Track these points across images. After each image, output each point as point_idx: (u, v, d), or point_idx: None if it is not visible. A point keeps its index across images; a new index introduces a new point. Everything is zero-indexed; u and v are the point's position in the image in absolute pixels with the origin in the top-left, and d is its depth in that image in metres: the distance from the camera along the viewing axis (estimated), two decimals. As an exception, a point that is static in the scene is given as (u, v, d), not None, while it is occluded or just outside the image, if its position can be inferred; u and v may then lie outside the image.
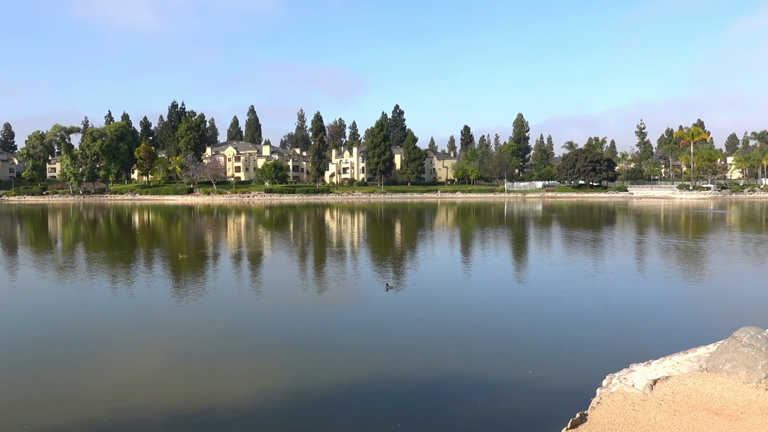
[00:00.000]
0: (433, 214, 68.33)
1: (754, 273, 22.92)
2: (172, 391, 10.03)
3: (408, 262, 26.77)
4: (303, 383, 10.40)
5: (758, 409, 6.21)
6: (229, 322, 15.05)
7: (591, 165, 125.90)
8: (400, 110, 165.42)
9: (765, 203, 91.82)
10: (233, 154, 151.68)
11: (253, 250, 32.16)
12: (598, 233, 41.28)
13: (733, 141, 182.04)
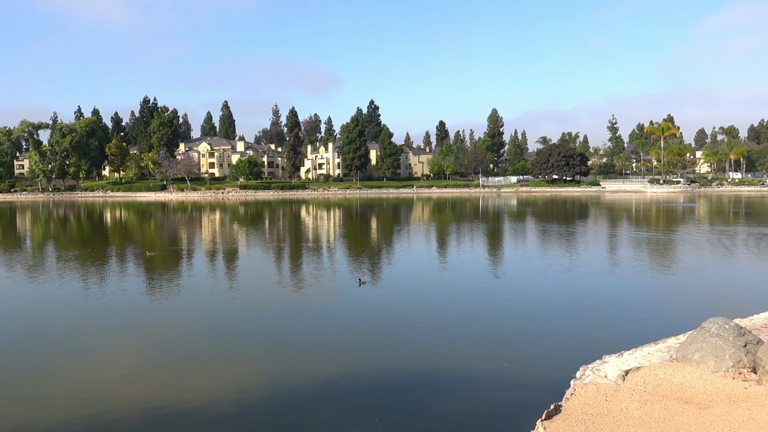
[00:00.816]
0: (409, 210, 68.48)
1: (722, 265, 23.46)
2: (147, 391, 9.92)
3: (383, 258, 26.81)
4: (280, 380, 10.37)
5: (726, 397, 6.37)
6: (204, 320, 14.91)
7: (564, 160, 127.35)
8: (375, 105, 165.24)
9: (732, 196, 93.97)
10: (207, 150, 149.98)
11: (228, 247, 31.89)
12: (571, 227, 41.82)
13: (701, 136, 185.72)
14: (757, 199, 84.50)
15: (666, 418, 5.86)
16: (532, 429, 5.89)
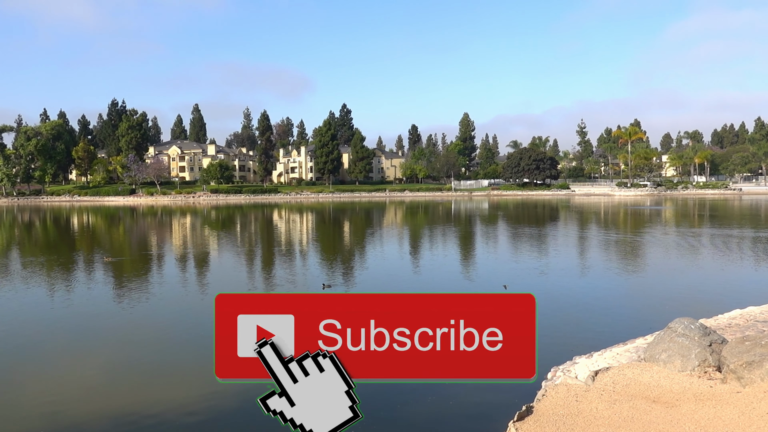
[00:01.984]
0: (382, 213, 68.55)
1: (688, 266, 24.00)
2: (115, 400, 9.72)
3: (352, 262, 26.77)
4: (254, 385, 10.25)
5: (692, 396, 6.51)
6: (173, 325, 14.69)
7: (535, 164, 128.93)
8: (347, 109, 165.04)
9: (697, 199, 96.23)
10: (177, 154, 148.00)
11: (197, 252, 31.49)
12: (542, 230, 42.34)
13: (667, 140, 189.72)
14: (721, 201, 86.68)
15: (634, 417, 5.96)
16: (504, 430, 5.94)
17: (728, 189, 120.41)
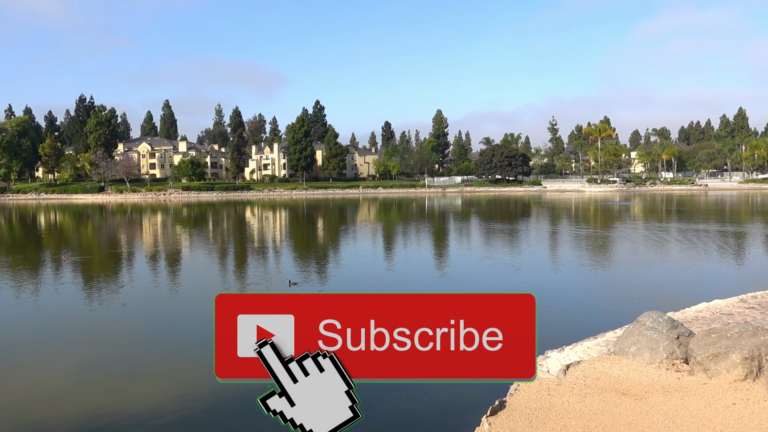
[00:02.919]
0: (356, 210, 68.47)
1: (656, 260, 24.48)
2: (85, 400, 9.53)
3: (323, 258, 26.70)
4: (228, 385, 10.15)
5: (660, 388, 6.64)
6: (144, 324, 14.46)
7: (507, 160, 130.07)
8: (320, 106, 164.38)
9: (665, 195, 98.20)
10: (147, 151, 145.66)
11: (169, 250, 31.06)
12: (515, 225, 42.76)
13: (636, 137, 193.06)
14: (688, 197, 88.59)
15: (604, 409, 6.06)
16: (478, 425, 5.98)
17: (694, 185, 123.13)
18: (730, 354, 6.80)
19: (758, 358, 6.74)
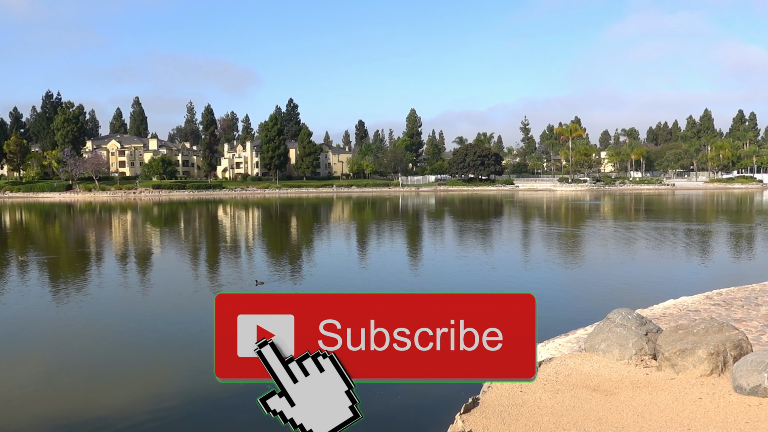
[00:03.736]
0: (329, 209, 68.29)
1: (626, 258, 24.93)
2: (54, 403, 9.34)
3: (294, 258, 26.59)
4: (198, 385, 10.06)
5: (629, 384, 6.77)
6: (113, 326, 14.21)
7: (480, 159, 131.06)
8: (294, 104, 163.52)
9: (634, 194, 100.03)
10: (117, 148, 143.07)
11: (139, 249, 30.58)
12: (487, 224, 43.13)
13: (606, 137, 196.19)
14: (656, 196, 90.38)
15: (576, 405, 6.15)
16: (452, 423, 6.02)
17: (662, 184, 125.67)
18: (697, 350, 6.96)
19: (723, 354, 6.92)
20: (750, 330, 9.10)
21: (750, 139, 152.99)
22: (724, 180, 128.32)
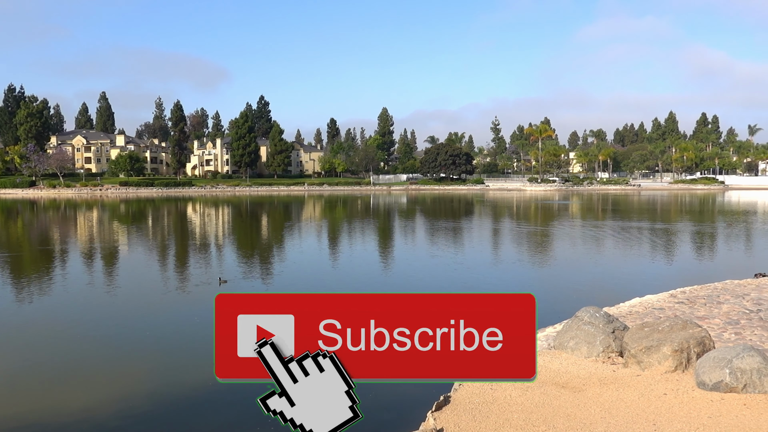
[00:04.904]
0: (301, 207, 67.95)
1: (593, 257, 25.38)
2: (16, 405, 9.13)
3: (264, 256, 26.41)
4: (167, 385, 9.92)
5: (597, 380, 6.90)
6: (78, 325, 13.93)
7: (451, 159, 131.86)
8: (265, 101, 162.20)
9: (601, 194, 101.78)
10: (82, 144, 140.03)
11: (104, 247, 30.00)
12: (458, 223, 43.42)
13: (574, 137, 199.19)
14: (622, 197, 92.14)
15: (545, 402, 6.25)
16: (424, 421, 6.06)
17: (628, 185, 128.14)
18: (662, 347, 7.13)
19: (687, 351, 7.10)
20: (712, 327, 9.35)
21: (713, 141, 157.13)
22: (688, 181, 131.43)
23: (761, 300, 11.51)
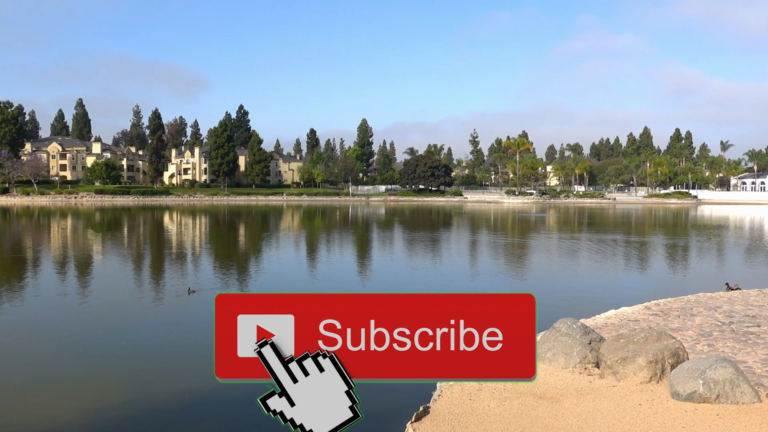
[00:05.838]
0: (279, 217, 67.63)
1: (570, 269, 25.65)
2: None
3: (241, 265, 26.23)
4: (140, 396, 9.77)
5: (574, 391, 6.98)
6: (49, 335, 13.67)
7: (430, 170, 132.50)
8: (244, 110, 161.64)
9: (577, 207, 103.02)
10: (58, 151, 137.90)
11: (78, 256, 29.51)
12: (437, 235, 43.60)
13: (551, 151, 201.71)
14: (598, 210, 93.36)
15: (523, 413, 6.30)
16: (402, 431, 6.07)
17: (604, 198, 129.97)
18: (637, 358, 7.25)
19: (661, 362, 7.23)
20: (686, 339, 9.52)
21: (686, 156, 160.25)
22: (662, 195, 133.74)
23: (733, 312, 11.75)
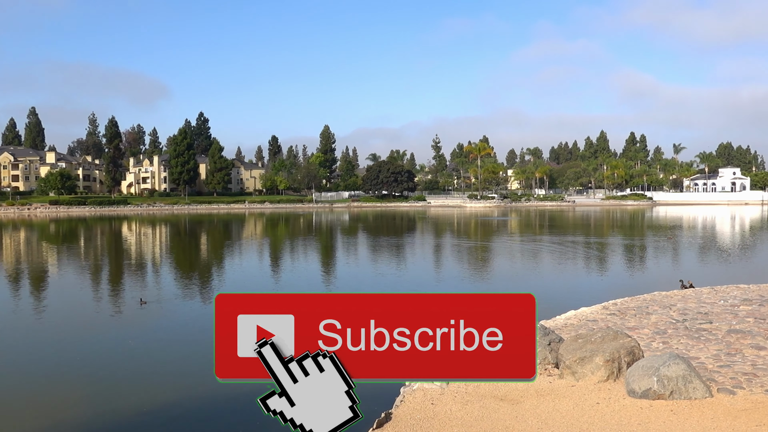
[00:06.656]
0: (241, 226, 66.83)
1: (530, 271, 26.04)
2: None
3: (195, 275, 25.84)
4: (99, 413, 9.49)
5: (534, 392, 7.06)
6: (3, 351, 13.19)
7: (393, 176, 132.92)
8: (204, 118, 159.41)
9: (538, 210, 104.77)
10: (10, 161, 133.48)
11: (32, 269, 28.59)
12: (400, 240, 43.72)
13: (512, 155, 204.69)
14: (558, 213, 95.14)
15: (484, 415, 6.35)
16: (365, 438, 6.04)
17: (564, 201, 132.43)
18: (594, 357, 7.38)
19: (618, 360, 7.37)
20: (642, 337, 9.74)
21: (641, 159, 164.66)
22: (619, 197, 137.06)
23: (686, 310, 12.09)
